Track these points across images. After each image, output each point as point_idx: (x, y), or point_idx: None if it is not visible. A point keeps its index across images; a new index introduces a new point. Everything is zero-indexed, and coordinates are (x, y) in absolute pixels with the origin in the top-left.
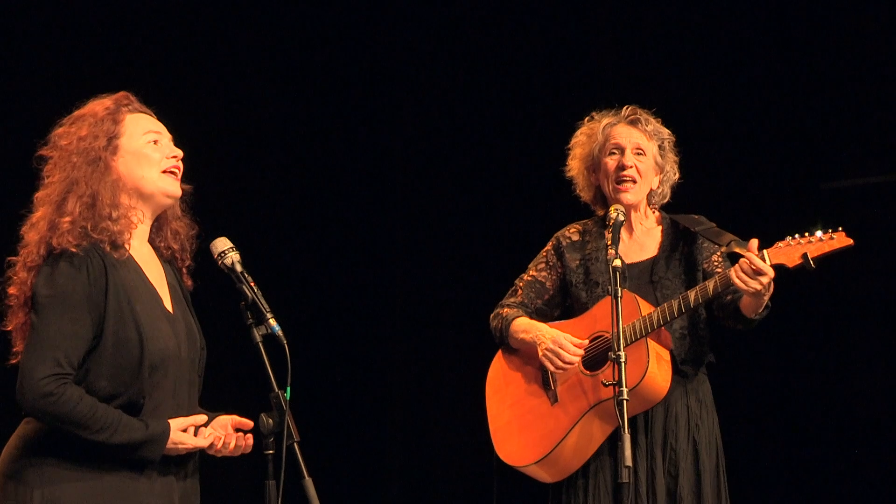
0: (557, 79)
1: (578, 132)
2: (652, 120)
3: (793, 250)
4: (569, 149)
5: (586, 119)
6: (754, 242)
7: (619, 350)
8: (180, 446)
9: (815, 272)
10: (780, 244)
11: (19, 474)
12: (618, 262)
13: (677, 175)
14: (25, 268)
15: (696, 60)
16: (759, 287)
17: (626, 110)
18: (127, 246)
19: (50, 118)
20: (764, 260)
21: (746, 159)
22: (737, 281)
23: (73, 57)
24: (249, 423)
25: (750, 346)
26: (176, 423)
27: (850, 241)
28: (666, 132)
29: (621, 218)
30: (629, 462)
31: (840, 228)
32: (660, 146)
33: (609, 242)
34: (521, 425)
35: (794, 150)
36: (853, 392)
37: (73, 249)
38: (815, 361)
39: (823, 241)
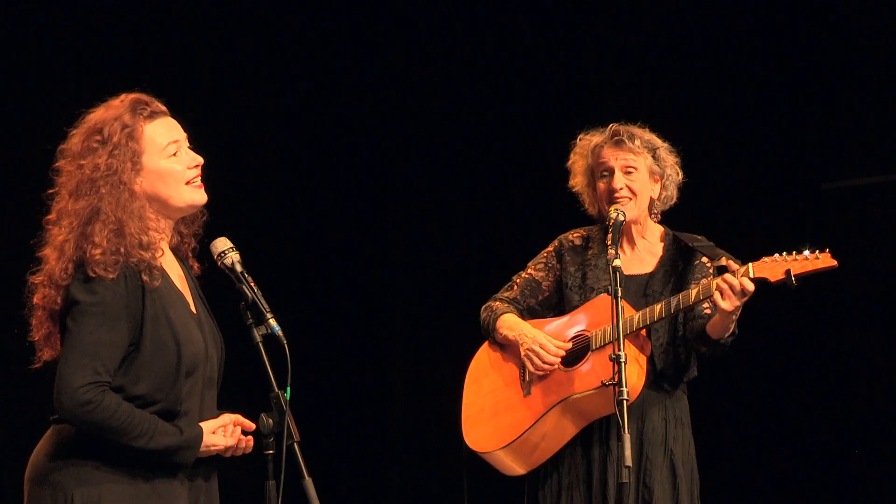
0: (556, 77)
1: (572, 152)
2: (638, 133)
3: (777, 266)
4: (568, 167)
5: (578, 138)
6: (733, 264)
7: (619, 350)
8: (212, 448)
9: (814, 273)
10: (766, 259)
11: (54, 478)
12: (618, 262)
13: (681, 175)
14: (52, 285)
15: (696, 60)
16: (736, 304)
17: (609, 130)
18: (160, 266)
19: (55, 119)
20: (749, 274)
21: (746, 159)
22: (716, 293)
23: (74, 57)
24: (252, 426)
25: (742, 350)
26: (207, 426)
27: (835, 263)
28: (658, 140)
29: (621, 218)
30: (629, 462)
31: (826, 250)
32: (653, 156)
33: (609, 243)
34: (491, 413)
35: (794, 150)
36: (853, 394)
37: (111, 276)
38: (813, 364)
39: (808, 260)
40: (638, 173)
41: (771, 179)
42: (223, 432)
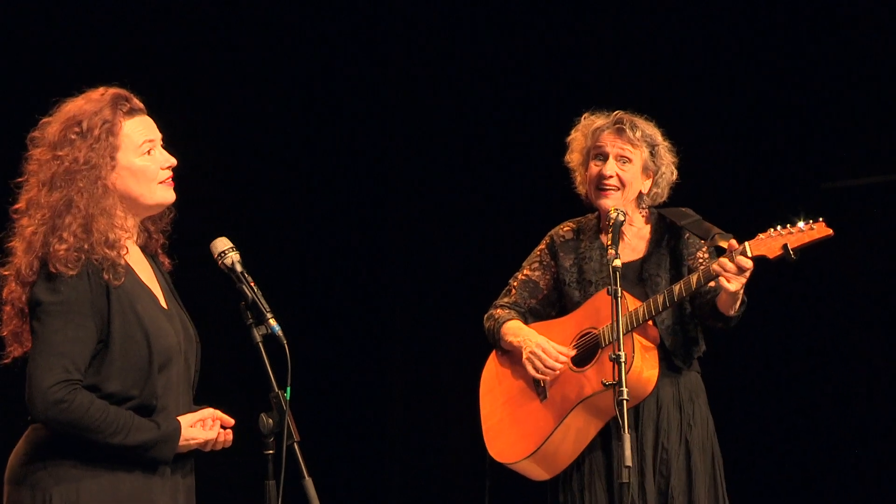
0: (555, 76)
1: (574, 129)
2: (641, 125)
3: (773, 241)
4: (567, 143)
5: (583, 116)
6: (734, 242)
7: (618, 350)
8: (192, 442)
9: (813, 273)
10: (762, 235)
11: (32, 479)
12: (618, 262)
13: (675, 175)
14: (19, 281)
15: (697, 59)
16: (741, 284)
17: (613, 116)
18: (124, 264)
19: (38, 114)
20: (746, 253)
21: (746, 159)
22: (721, 279)
23: (68, 53)
24: (231, 421)
25: (744, 347)
26: (185, 420)
27: (830, 232)
28: (659, 137)
29: (621, 218)
30: (629, 462)
31: (820, 219)
32: (651, 151)
33: (609, 243)
34: (511, 423)
35: (794, 150)
36: (852, 393)
37: (72, 273)
38: (813, 363)
39: (804, 232)
40: (631, 164)
41: (771, 179)
42: (202, 426)
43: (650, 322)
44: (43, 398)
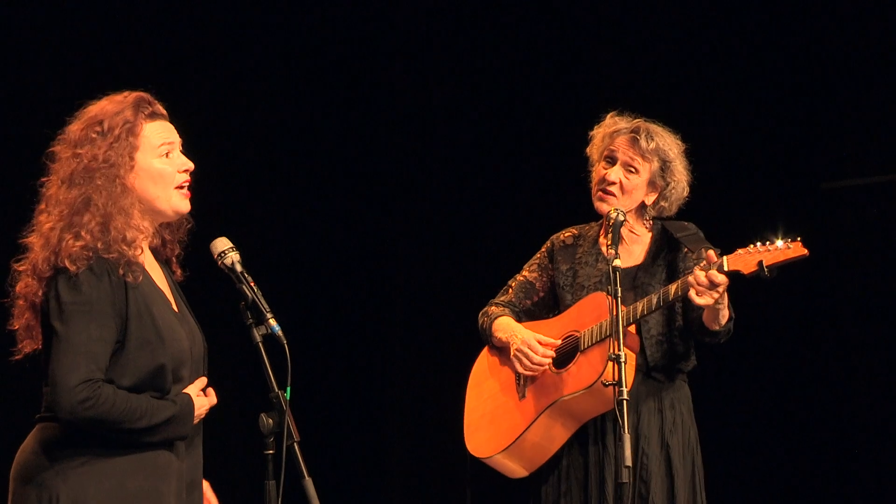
0: (557, 79)
1: (598, 125)
2: (658, 137)
3: (750, 257)
4: (590, 136)
5: (609, 115)
6: (712, 254)
7: (618, 350)
8: (202, 410)
9: (813, 273)
10: (741, 251)
11: (39, 479)
12: (618, 262)
13: (686, 192)
14: (34, 276)
15: (697, 59)
16: (711, 299)
17: (633, 123)
18: (140, 263)
19: (52, 116)
20: (722, 268)
21: (747, 159)
22: (691, 293)
23: (74, 54)
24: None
25: (741, 349)
26: (192, 390)
27: (806, 252)
28: (673, 152)
29: (621, 218)
30: (629, 462)
31: (798, 238)
32: (662, 166)
33: (609, 243)
34: (490, 419)
35: (794, 150)
36: (853, 393)
37: (80, 269)
38: (812, 365)
39: (780, 250)
40: (637, 175)
41: (771, 179)
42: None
43: (632, 330)
44: (69, 398)
